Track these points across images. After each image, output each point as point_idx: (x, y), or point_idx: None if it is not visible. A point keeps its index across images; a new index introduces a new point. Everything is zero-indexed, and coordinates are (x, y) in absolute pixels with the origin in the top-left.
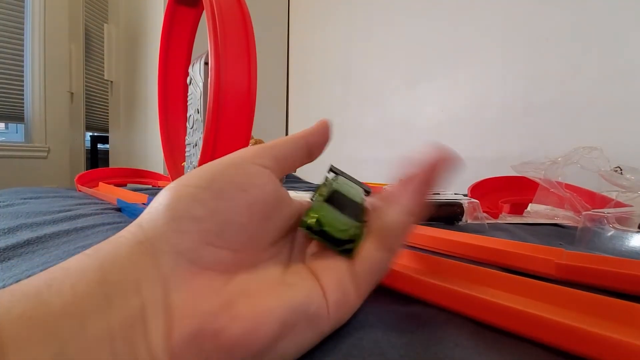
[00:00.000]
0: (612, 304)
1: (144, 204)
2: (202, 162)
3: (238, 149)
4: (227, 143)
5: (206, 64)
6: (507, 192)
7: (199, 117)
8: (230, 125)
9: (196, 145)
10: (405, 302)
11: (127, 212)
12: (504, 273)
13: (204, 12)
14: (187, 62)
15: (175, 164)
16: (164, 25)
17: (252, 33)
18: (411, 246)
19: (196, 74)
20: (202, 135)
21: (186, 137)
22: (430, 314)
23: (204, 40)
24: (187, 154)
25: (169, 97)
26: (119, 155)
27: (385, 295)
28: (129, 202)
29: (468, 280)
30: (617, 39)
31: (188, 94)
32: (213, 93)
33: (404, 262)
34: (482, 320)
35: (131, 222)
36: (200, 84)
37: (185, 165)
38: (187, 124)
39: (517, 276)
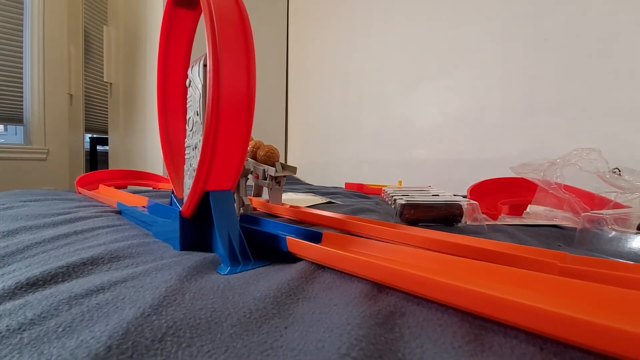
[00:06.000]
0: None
1: (144, 206)
2: (201, 164)
3: (237, 151)
4: (227, 145)
5: (205, 66)
6: (506, 193)
7: (199, 119)
8: (230, 127)
9: (196, 147)
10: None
11: (127, 215)
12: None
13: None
14: (186, 64)
15: (174, 166)
16: (163, 27)
17: (250, 34)
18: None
19: (195, 76)
20: (201, 138)
21: (185, 139)
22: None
23: (203, 43)
24: (186, 157)
25: (169, 99)
26: (118, 157)
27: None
28: (129, 204)
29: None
30: (616, 41)
31: (187, 96)
32: (212, 95)
33: (405, 260)
34: (482, 314)
35: (131, 225)
36: (200, 86)
37: (185, 168)
38: (187, 127)
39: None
